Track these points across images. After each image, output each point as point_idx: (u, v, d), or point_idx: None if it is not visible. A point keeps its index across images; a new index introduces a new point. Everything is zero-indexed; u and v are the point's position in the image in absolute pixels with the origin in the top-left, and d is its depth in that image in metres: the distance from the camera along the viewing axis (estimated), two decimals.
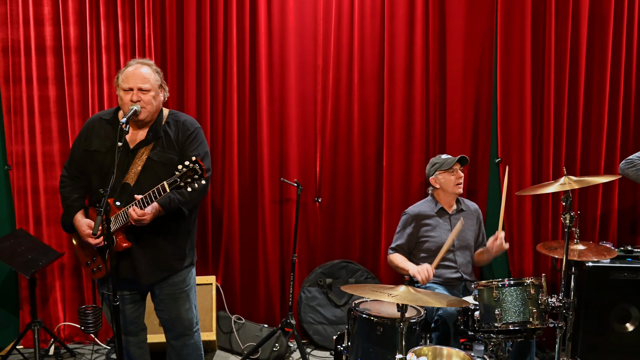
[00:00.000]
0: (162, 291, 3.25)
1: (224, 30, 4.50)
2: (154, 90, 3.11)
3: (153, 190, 2.88)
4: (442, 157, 4.11)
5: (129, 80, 3.08)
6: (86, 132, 3.23)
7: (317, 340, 4.61)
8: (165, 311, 3.30)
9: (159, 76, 3.19)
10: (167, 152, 3.12)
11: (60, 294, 4.65)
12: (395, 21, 4.50)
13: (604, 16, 4.44)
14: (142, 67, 3.13)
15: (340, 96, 4.60)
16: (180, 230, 3.22)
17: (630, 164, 3.88)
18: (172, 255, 3.20)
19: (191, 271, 3.36)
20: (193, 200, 3.17)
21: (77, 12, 4.43)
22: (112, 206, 3.01)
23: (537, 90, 4.51)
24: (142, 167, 3.08)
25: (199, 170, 2.79)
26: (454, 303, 3.07)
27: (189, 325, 3.35)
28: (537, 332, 3.22)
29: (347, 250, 4.75)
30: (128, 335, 3.32)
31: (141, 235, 3.09)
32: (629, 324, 4.13)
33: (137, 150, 3.11)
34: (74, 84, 4.48)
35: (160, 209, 3.02)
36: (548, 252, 3.60)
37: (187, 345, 3.38)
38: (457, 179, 4.02)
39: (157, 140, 3.13)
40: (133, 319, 3.32)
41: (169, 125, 3.18)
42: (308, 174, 4.67)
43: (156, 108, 3.14)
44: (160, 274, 3.19)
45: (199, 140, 3.21)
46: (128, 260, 3.12)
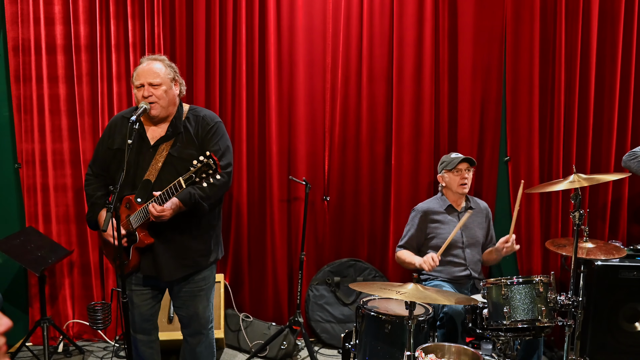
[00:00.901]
0: (182, 289, 3.25)
1: (233, 29, 4.51)
2: (166, 84, 3.11)
3: (170, 186, 2.89)
4: (451, 155, 4.10)
5: (140, 77, 3.11)
6: (109, 130, 3.27)
7: (324, 339, 4.61)
8: (183, 308, 3.31)
9: (172, 70, 3.20)
10: (188, 148, 3.12)
11: (70, 292, 4.67)
12: (405, 19, 4.50)
13: (615, 13, 4.42)
14: (153, 62, 3.15)
15: (349, 94, 4.60)
16: (202, 225, 3.22)
17: (632, 156, 3.88)
18: (196, 251, 3.21)
19: (213, 269, 3.36)
20: (214, 195, 3.16)
21: (88, 11, 4.45)
22: (134, 202, 3.04)
23: (546, 88, 4.50)
24: (162, 163, 3.09)
25: (212, 166, 2.78)
26: (462, 301, 3.07)
27: (204, 323, 3.37)
28: (545, 330, 3.20)
29: (355, 249, 4.75)
30: (140, 334, 3.33)
31: (164, 231, 3.10)
32: (638, 324, 4.11)
33: (158, 146, 3.12)
34: (84, 83, 4.50)
35: (181, 205, 3.02)
36: (557, 250, 3.58)
37: (201, 343, 3.40)
38: (461, 179, 4.00)
39: (178, 136, 3.14)
40: (148, 316, 3.32)
41: (189, 121, 3.19)
42: (316, 172, 4.67)
43: (169, 102, 3.14)
44: (184, 270, 3.19)
45: (219, 134, 3.21)
46: (150, 257, 3.13)
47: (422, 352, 2.85)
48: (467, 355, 2.92)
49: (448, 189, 4.09)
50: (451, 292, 3.33)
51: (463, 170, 4.01)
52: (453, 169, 4.00)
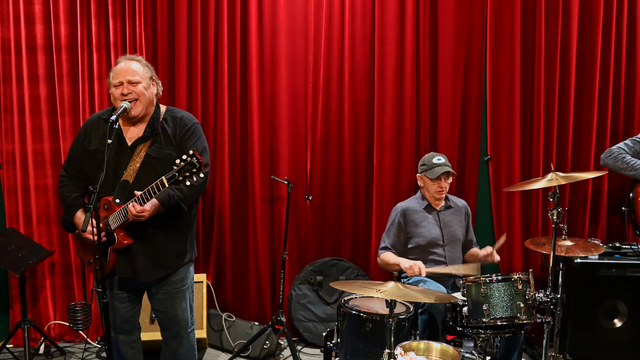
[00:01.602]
0: (159, 290, 3.24)
1: (215, 29, 4.50)
2: (145, 82, 3.11)
3: (152, 186, 2.88)
4: (433, 160, 4.07)
5: (119, 75, 3.09)
6: (85, 131, 3.24)
7: (307, 338, 4.62)
8: (162, 310, 3.30)
9: (149, 69, 3.20)
10: (165, 149, 3.12)
11: (51, 293, 4.64)
12: (386, 19, 4.52)
13: (594, 13, 4.47)
14: (130, 62, 3.14)
15: (331, 94, 4.61)
16: (180, 226, 3.22)
17: (609, 154, 3.95)
18: (173, 252, 3.20)
19: (189, 270, 3.35)
20: (192, 196, 3.17)
21: (68, 10, 4.43)
22: (112, 204, 3.03)
23: (526, 88, 4.54)
24: (140, 164, 3.07)
25: (196, 164, 2.79)
26: (442, 298, 3.09)
27: (184, 325, 3.35)
28: (524, 327, 3.23)
29: (337, 248, 4.76)
30: (121, 334, 3.31)
31: (141, 232, 3.09)
32: (617, 320, 4.16)
33: (135, 147, 3.10)
34: (64, 83, 4.48)
35: (160, 206, 3.02)
36: (536, 248, 3.62)
37: (182, 345, 3.38)
38: (438, 187, 4.02)
39: (155, 136, 3.13)
40: (128, 317, 3.31)
41: (166, 122, 3.18)
42: (299, 172, 4.68)
43: (149, 100, 3.13)
44: (161, 271, 3.18)
45: (197, 135, 3.21)
46: (127, 259, 3.11)
47: (402, 350, 2.87)
48: (447, 353, 2.94)
49: (425, 190, 4.12)
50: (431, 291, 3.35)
51: (442, 180, 4.03)
52: (434, 179, 4.01)
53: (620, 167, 3.82)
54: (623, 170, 3.81)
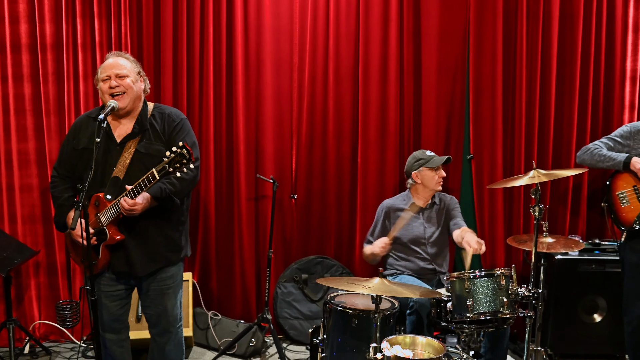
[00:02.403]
0: (149, 286, 3.25)
1: (201, 28, 4.52)
2: (132, 76, 3.15)
3: (143, 179, 2.90)
4: (426, 153, 4.13)
5: (106, 70, 3.13)
6: (74, 131, 3.26)
7: (293, 335, 4.65)
8: (151, 307, 3.31)
9: (137, 65, 3.24)
10: (154, 144, 3.15)
11: (36, 292, 4.63)
12: (370, 20, 4.56)
13: (574, 14, 4.55)
14: (118, 58, 3.19)
15: (316, 94, 4.65)
16: (173, 221, 3.24)
17: (585, 150, 4.01)
18: (166, 246, 3.22)
19: (180, 267, 3.37)
20: (184, 190, 3.19)
21: (53, 9, 4.43)
22: (103, 200, 3.05)
23: (508, 88, 4.60)
24: (130, 160, 3.10)
25: (187, 155, 2.81)
26: (426, 294, 3.14)
27: (173, 321, 3.36)
28: (507, 321, 3.29)
29: (322, 246, 4.80)
30: (110, 333, 3.32)
31: (134, 227, 3.11)
32: (597, 315, 4.25)
33: (125, 143, 3.13)
34: (49, 82, 4.47)
35: (152, 199, 3.04)
36: (518, 245, 3.69)
37: (170, 341, 3.39)
38: (439, 177, 4.08)
39: (144, 132, 3.16)
40: (118, 316, 3.32)
41: (154, 118, 3.21)
42: (284, 170, 4.71)
43: (136, 94, 3.17)
44: (155, 265, 3.20)
45: (185, 130, 3.24)
46: (122, 253, 3.13)
47: (388, 344, 2.92)
48: (432, 346, 2.98)
49: (422, 185, 4.11)
50: (416, 286, 3.40)
51: (441, 170, 4.10)
52: (435, 168, 4.07)
53: (597, 160, 3.88)
54: (601, 162, 3.87)
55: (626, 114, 4.66)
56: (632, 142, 3.84)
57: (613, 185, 3.87)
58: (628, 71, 4.65)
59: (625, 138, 3.87)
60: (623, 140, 3.88)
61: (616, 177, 3.87)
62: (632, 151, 3.81)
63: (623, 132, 3.91)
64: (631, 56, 4.64)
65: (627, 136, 3.86)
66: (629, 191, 3.79)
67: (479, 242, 3.70)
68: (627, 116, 4.65)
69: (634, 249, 3.75)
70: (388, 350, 2.86)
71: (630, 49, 4.64)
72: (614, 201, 3.84)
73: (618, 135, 3.92)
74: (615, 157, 3.82)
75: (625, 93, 4.66)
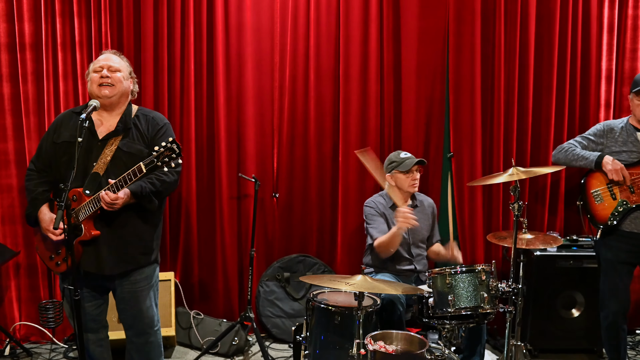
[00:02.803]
0: (123, 288, 3.24)
1: (181, 27, 4.52)
2: (124, 72, 3.22)
3: (128, 172, 2.90)
4: (400, 155, 4.14)
5: (100, 62, 3.21)
6: (55, 125, 3.27)
7: (275, 334, 4.67)
8: (126, 309, 3.30)
9: (129, 66, 3.32)
10: (137, 144, 3.17)
11: (16, 293, 4.58)
12: (351, 19, 4.59)
13: (551, 15, 4.62)
14: (112, 55, 3.29)
15: (297, 93, 4.67)
16: (148, 221, 3.25)
17: (559, 150, 4.07)
18: (137, 249, 3.22)
19: (155, 269, 3.37)
20: (164, 191, 3.20)
21: (32, 8, 4.38)
22: (82, 195, 3.04)
23: (487, 87, 4.66)
24: (111, 157, 3.11)
25: (176, 149, 2.84)
26: (408, 290, 3.18)
27: (149, 323, 3.35)
28: (488, 316, 3.34)
29: (304, 245, 4.82)
30: (88, 333, 3.29)
31: (110, 224, 3.10)
32: (575, 310, 4.32)
33: (107, 140, 3.14)
34: (29, 82, 4.43)
35: (131, 196, 3.05)
36: (498, 242, 3.74)
37: (148, 343, 3.38)
38: (412, 180, 4.09)
39: (127, 131, 3.18)
40: (94, 316, 3.31)
41: (138, 119, 3.24)
42: (265, 169, 4.72)
43: (125, 91, 3.22)
44: (124, 265, 3.19)
45: (168, 135, 3.25)
46: (92, 252, 3.12)
47: (371, 340, 2.95)
48: (414, 341, 3.02)
49: (397, 187, 4.13)
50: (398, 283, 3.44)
51: (415, 172, 4.11)
52: (407, 171, 4.08)
53: (571, 159, 3.94)
54: (574, 162, 3.93)
55: (602, 112, 4.74)
56: (605, 140, 3.90)
57: (587, 184, 3.93)
58: (603, 71, 4.73)
59: (598, 137, 3.93)
60: (597, 139, 3.94)
61: (590, 176, 3.93)
62: (606, 149, 3.87)
63: (597, 130, 3.97)
64: (606, 56, 4.72)
65: (601, 134, 3.92)
66: (602, 189, 3.85)
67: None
68: (603, 115, 4.74)
69: (608, 246, 3.82)
70: (371, 345, 2.89)
71: (605, 49, 4.72)
72: (588, 199, 3.91)
73: (592, 134, 3.98)
74: (588, 156, 3.88)
75: (601, 92, 4.74)
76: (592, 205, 3.89)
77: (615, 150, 3.83)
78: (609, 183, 3.82)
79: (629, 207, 3.72)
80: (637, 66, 4.71)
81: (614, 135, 3.87)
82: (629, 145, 3.79)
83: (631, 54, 4.71)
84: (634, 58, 4.72)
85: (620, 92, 4.76)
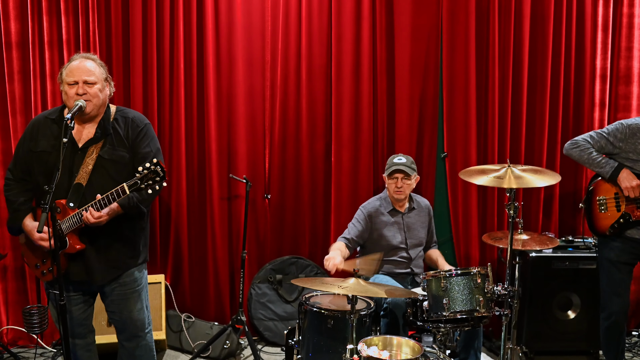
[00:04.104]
0: (112, 291, 3.18)
1: (171, 26, 4.45)
2: (100, 83, 3.05)
3: (112, 192, 2.83)
4: (394, 160, 4.09)
5: (74, 74, 3.01)
6: (31, 132, 3.14)
7: (267, 337, 4.61)
8: (116, 312, 3.24)
9: (104, 69, 3.14)
10: (118, 150, 3.07)
11: (3, 297, 4.51)
12: (343, 17, 4.54)
13: (545, 13, 4.59)
14: (86, 60, 3.07)
15: (289, 92, 4.61)
16: (135, 228, 3.19)
17: (574, 145, 3.84)
18: (125, 253, 3.16)
19: (143, 271, 3.31)
20: (150, 199, 3.13)
21: (18, 6, 4.31)
22: (66, 207, 2.95)
23: (481, 86, 4.62)
24: (93, 166, 3.01)
25: (160, 173, 2.77)
26: (403, 294, 3.13)
27: (140, 326, 3.29)
28: (483, 320, 3.30)
29: (296, 246, 4.77)
30: (75, 338, 3.23)
31: (95, 237, 3.03)
32: (571, 312, 4.29)
33: (87, 149, 3.04)
34: (15, 81, 4.36)
35: (119, 209, 2.99)
36: (493, 243, 3.69)
37: (139, 346, 3.32)
38: (395, 186, 4.02)
39: (107, 137, 3.07)
40: (81, 320, 3.24)
41: (117, 122, 3.12)
42: (257, 170, 4.67)
43: (102, 102, 3.08)
44: (114, 272, 3.13)
45: (149, 136, 3.17)
46: (81, 262, 3.05)
47: (365, 345, 2.90)
48: (409, 346, 2.98)
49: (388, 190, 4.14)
50: (392, 286, 3.39)
51: (399, 179, 4.02)
52: (389, 175, 4.04)
53: (586, 161, 3.74)
54: (588, 164, 3.75)
55: (596, 111, 4.72)
56: (624, 144, 3.67)
57: (595, 190, 3.81)
58: (598, 69, 4.70)
59: (618, 139, 3.68)
60: (615, 142, 3.69)
61: (599, 183, 3.79)
62: (622, 154, 3.68)
63: (617, 132, 3.69)
64: (601, 54, 4.69)
65: (622, 137, 3.66)
66: (609, 199, 3.72)
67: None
68: (598, 114, 4.71)
69: (611, 246, 3.72)
70: (365, 351, 2.84)
71: (600, 48, 4.69)
72: (592, 206, 3.81)
73: (611, 134, 3.71)
74: (604, 165, 3.69)
75: (595, 91, 4.71)
76: (595, 213, 3.79)
77: (632, 158, 3.66)
78: (617, 193, 3.72)
79: (630, 221, 3.65)
80: (632, 65, 4.70)
81: (635, 140, 3.63)
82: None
83: (626, 53, 4.69)
84: (629, 57, 4.69)
85: (615, 91, 4.74)
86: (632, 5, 4.66)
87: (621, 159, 3.71)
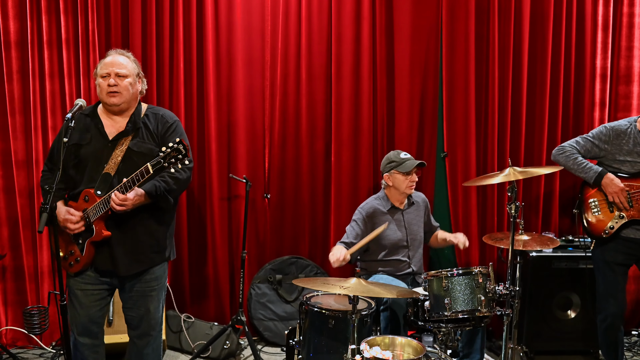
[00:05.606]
0: (133, 287, 3.19)
1: (170, 25, 4.44)
2: (132, 78, 3.16)
3: (136, 173, 2.86)
4: (400, 155, 4.07)
5: (107, 67, 3.13)
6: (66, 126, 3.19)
7: (267, 337, 4.60)
8: (134, 308, 3.24)
9: (137, 65, 3.26)
10: (147, 143, 3.13)
11: (2, 297, 4.49)
12: (343, 17, 4.54)
13: (545, 13, 4.59)
14: (120, 56, 3.20)
15: (289, 92, 4.61)
16: (160, 221, 3.20)
17: (561, 151, 3.88)
18: (150, 247, 3.17)
19: (165, 270, 3.32)
20: (177, 189, 3.17)
21: (17, 5, 4.30)
22: (93, 195, 3.00)
23: (481, 85, 4.62)
24: (122, 158, 3.07)
25: (182, 150, 2.80)
26: (404, 294, 3.12)
27: (154, 324, 3.30)
28: (485, 320, 3.30)
29: (296, 246, 4.76)
30: (86, 337, 3.21)
31: (121, 224, 3.06)
32: (571, 311, 4.29)
33: (117, 141, 3.10)
34: (14, 80, 4.35)
35: (145, 196, 3.01)
36: (494, 243, 3.69)
37: (149, 344, 3.33)
38: (410, 182, 4.02)
39: (137, 131, 3.14)
40: (97, 318, 3.22)
41: (147, 118, 3.20)
42: (257, 170, 4.66)
43: (133, 95, 3.16)
44: (139, 266, 3.14)
45: (178, 132, 3.23)
46: (106, 251, 3.08)
47: (367, 345, 2.89)
48: (411, 346, 2.97)
49: (394, 188, 4.08)
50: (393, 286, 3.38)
51: (413, 174, 4.04)
52: (406, 173, 4.00)
53: (572, 167, 3.80)
54: (573, 170, 3.79)
55: (597, 111, 4.71)
56: (610, 146, 3.72)
57: (586, 193, 3.83)
58: (598, 69, 4.71)
59: (603, 142, 3.74)
60: (601, 144, 3.75)
61: (586, 187, 3.83)
62: (609, 156, 3.72)
63: (602, 135, 3.76)
64: (601, 54, 4.69)
65: (606, 140, 3.73)
66: (601, 200, 3.74)
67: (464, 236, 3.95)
68: (598, 114, 4.71)
69: (606, 248, 3.73)
70: (367, 351, 2.83)
71: (600, 47, 4.69)
72: (585, 208, 3.81)
73: (596, 138, 3.78)
74: (588, 170, 3.73)
75: (595, 91, 4.71)
76: (588, 215, 3.80)
77: (618, 159, 3.71)
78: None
79: (624, 221, 3.65)
80: (632, 64, 4.71)
81: (620, 142, 3.70)
82: (634, 155, 3.66)
83: (626, 52, 4.70)
84: (629, 56, 4.70)
85: (615, 90, 4.75)
86: (632, 4, 4.66)
87: (609, 161, 3.75)
